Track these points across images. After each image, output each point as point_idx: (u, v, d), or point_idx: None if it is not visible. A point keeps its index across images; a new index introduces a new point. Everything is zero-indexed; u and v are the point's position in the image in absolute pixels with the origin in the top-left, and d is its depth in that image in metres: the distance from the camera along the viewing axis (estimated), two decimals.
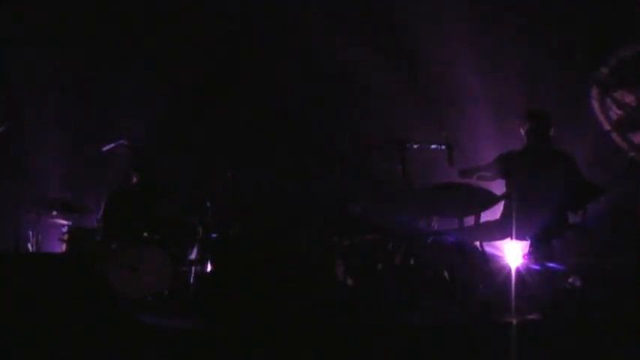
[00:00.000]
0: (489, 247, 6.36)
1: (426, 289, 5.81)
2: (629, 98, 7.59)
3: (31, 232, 6.76)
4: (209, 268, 6.65)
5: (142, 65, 7.81)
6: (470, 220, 6.01)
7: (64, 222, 6.99)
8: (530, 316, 5.20)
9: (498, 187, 6.16)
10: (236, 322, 5.39)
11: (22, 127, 7.23)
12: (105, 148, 7.00)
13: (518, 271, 5.71)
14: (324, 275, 6.37)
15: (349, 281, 6.35)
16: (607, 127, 7.65)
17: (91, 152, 7.37)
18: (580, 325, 4.86)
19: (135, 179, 7.02)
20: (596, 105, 7.71)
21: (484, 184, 6.12)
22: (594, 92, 7.72)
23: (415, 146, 6.23)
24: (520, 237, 5.75)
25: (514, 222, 5.60)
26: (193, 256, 6.68)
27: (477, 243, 5.91)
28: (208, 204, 6.86)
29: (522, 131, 6.08)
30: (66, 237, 6.61)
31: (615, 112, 7.67)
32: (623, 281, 5.90)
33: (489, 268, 5.88)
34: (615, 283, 5.84)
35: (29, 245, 6.71)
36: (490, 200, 5.84)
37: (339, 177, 6.82)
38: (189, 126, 8.02)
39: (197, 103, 8.05)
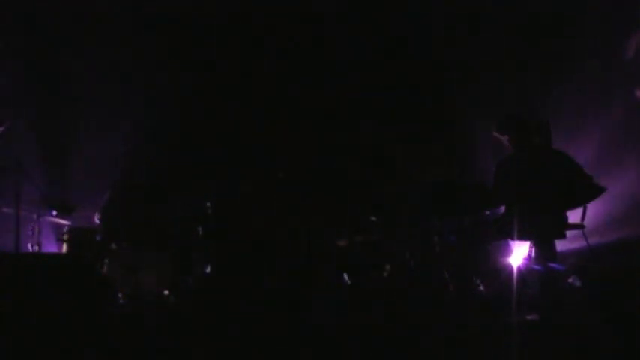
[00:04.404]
0: (490, 247, 6.38)
1: (426, 289, 5.83)
2: None
3: (31, 232, 6.76)
4: (209, 268, 6.66)
5: (143, 65, 7.80)
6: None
7: (64, 222, 6.99)
8: (530, 316, 5.21)
9: None
10: (235, 321, 5.40)
11: (22, 127, 7.23)
12: (105, 148, 7.01)
13: (519, 271, 5.71)
14: (324, 275, 6.38)
15: (349, 281, 6.37)
16: None
17: (91, 152, 7.37)
18: (580, 325, 4.86)
19: (135, 179, 7.02)
20: None
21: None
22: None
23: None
24: (520, 237, 5.74)
25: (515, 222, 5.59)
26: (194, 256, 6.68)
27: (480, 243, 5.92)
28: (208, 204, 6.86)
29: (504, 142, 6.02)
30: (66, 237, 6.60)
31: None
32: (623, 281, 5.90)
33: (490, 268, 5.89)
34: (615, 283, 5.84)
35: (29, 245, 6.70)
36: (492, 201, 5.84)
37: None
38: (191, 126, 8.01)
39: (202, 102, 8.03)
